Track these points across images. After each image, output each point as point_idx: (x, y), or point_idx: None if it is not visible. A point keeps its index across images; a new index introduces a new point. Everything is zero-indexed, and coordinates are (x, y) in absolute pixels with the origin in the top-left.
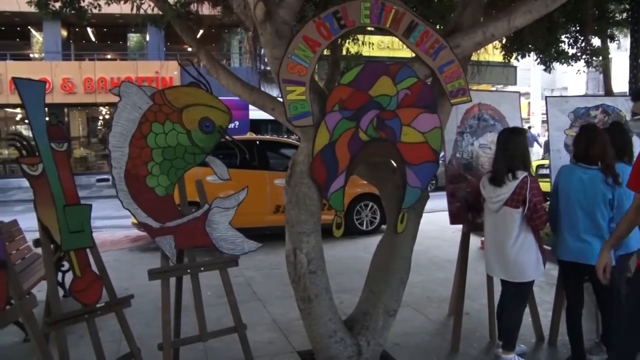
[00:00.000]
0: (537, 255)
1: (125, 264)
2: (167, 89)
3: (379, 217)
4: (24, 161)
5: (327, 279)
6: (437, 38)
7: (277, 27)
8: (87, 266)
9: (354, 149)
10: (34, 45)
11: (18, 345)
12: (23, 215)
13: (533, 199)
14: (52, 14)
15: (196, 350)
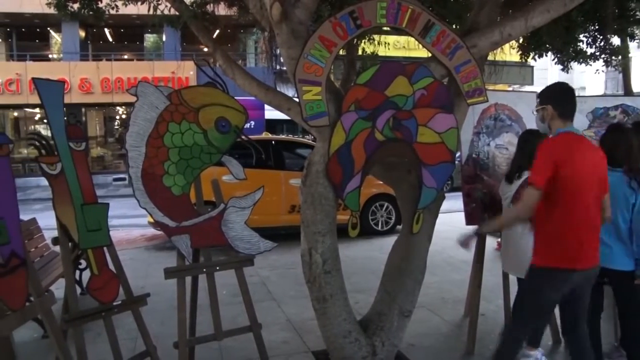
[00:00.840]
0: None
1: (141, 262)
2: (184, 89)
3: (394, 217)
4: (43, 160)
5: (342, 279)
6: (454, 38)
7: (293, 27)
8: (104, 264)
9: (369, 149)
10: (52, 46)
11: (37, 341)
12: (42, 214)
13: None
14: (70, 15)
15: (211, 349)
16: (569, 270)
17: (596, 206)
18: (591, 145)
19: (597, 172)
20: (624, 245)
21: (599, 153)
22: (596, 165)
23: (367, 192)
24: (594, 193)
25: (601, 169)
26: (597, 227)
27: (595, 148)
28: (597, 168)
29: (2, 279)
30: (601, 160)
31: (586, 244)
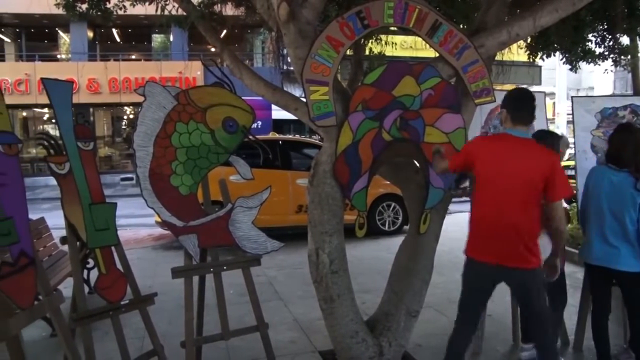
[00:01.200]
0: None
1: (148, 262)
2: (191, 89)
3: (401, 217)
4: (52, 160)
5: (349, 279)
6: (461, 38)
7: (301, 27)
8: (112, 264)
9: (377, 149)
10: (61, 46)
11: (45, 339)
12: (50, 213)
13: None
14: (79, 16)
15: (218, 348)
16: (472, 259)
17: (517, 208)
18: (530, 149)
19: (523, 176)
20: (631, 246)
21: (538, 159)
22: (525, 170)
23: (374, 192)
24: (516, 196)
25: (532, 174)
26: (512, 227)
27: (535, 153)
28: (524, 173)
29: (11, 277)
30: (537, 166)
31: (492, 240)
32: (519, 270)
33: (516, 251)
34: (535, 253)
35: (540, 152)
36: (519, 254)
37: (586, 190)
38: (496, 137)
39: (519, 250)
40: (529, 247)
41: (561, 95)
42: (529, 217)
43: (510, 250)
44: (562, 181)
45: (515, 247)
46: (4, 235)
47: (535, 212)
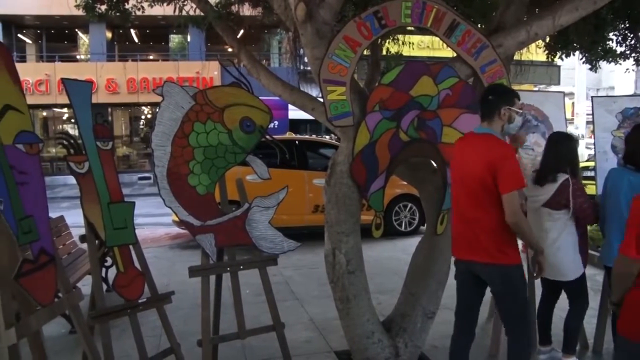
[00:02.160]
0: (573, 257)
1: (165, 260)
2: (209, 89)
3: (418, 218)
4: (72, 159)
5: (365, 280)
6: (479, 37)
7: (318, 27)
8: (130, 262)
9: (394, 149)
10: (80, 47)
11: (65, 336)
12: (69, 212)
13: (577, 201)
14: (98, 17)
15: (234, 347)
16: (454, 258)
17: (473, 204)
18: (480, 144)
19: (472, 172)
20: None
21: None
22: (474, 165)
23: (391, 193)
24: (470, 191)
25: (479, 169)
26: (472, 223)
27: (482, 148)
28: (473, 168)
29: (32, 274)
30: (482, 160)
31: (459, 236)
32: (487, 266)
33: (481, 246)
34: (505, 250)
35: (488, 145)
36: (484, 249)
37: (605, 191)
38: (464, 136)
39: (484, 246)
40: (494, 242)
41: (580, 95)
42: (487, 213)
43: (476, 246)
44: (509, 173)
45: (480, 243)
46: (25, 233)
47: (489, 206)
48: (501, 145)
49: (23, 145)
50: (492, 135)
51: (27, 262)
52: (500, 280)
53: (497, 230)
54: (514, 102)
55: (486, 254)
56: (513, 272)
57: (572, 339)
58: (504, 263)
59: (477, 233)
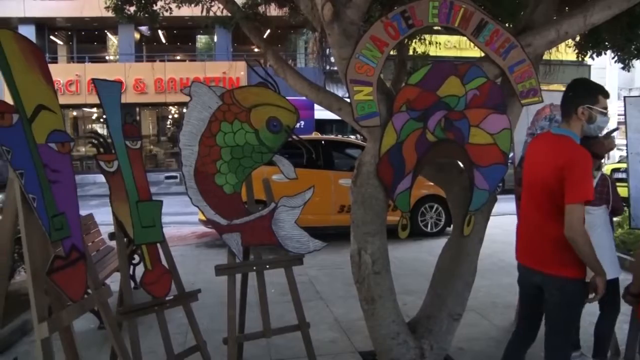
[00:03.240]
0: (611, 256)
1: (191, 259)
2: (236, 89)
3: (444, 219)
4: (101, 158)
5: (391, 280)
6: (508, 37)
7: (345, 27)
8: (157, 260)
9: (421, 149)
10: (109, 48)
11: (93, 331)
12: (97, 210)
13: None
14: (127, 18)
15: (259, 346)
16: (517, 262)
17: (538, 210)
18: (553, 147)
19: (540, 176)
20: None
21: (555, 156)
22: (543, 169)
23: (417, 194)
24: (536, 197)
25: (547, 174)
26: (536, 230)
27: (554, 151)
28: (542, 172)
29: (63, 270)
30: (551, 165)
31: (522, 241)
32: (545, 275)
33: (542, 255)
34: (566, 262)
35: (561, 148)
36: (544, 258)
37: None
38: (539, 135)
39: (545, 255)
40: (556, 253)
41: (612, 95)
42: (551, 220)
43: (536, 254)
44: (576, 182)
45: (541, 252)
46: (57, 229)
47: (556, 214)
48: (575, 150)
49: (55, 144)
50: (568, 138)
51: (58, 258)
52: (557, 292)
53: (560, 240)
54: (597, 99)
55: (546, 264)
56: (571, 287)
57: (602, 344)
58: (563, 276)
59: (539, 241)
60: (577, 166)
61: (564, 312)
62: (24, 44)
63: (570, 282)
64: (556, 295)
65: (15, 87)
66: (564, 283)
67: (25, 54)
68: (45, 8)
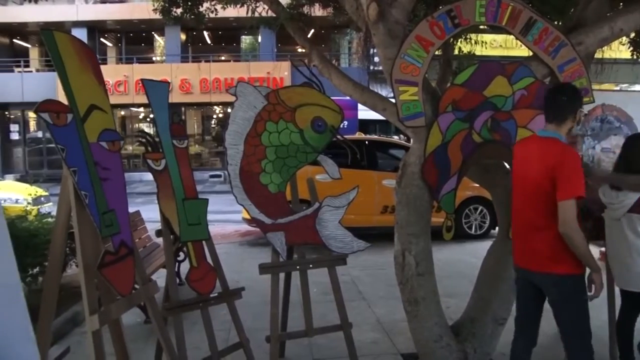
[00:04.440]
0: None
1: (234, 257)
2: (281, 89)
3: (489, 221)
4: (149, 156)
5: (434, 282)
6: (557, 35)
7: (390, 27)
8: (202, 257)
9: (466, 150)
10: (156, 49)
11: (139, 325)
12: (144, 207)
13: None
14: (173, 20)
15: (301, 345)
16: (515, 265)
17: (532, 210)
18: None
19: (532, 177)
20: None
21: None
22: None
23: (461, 195)
24: (528, 197)
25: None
26: (529, 230)
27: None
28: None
29: (112, 266)
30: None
31: (517, 243)
32: (543, 275)
33: (538, 255)
34: (562, 259)
35: (551, 149)
36: (541, 258)
37: None
38: (525, 138)
39: (541, 255)
40: (552, 251)
41: None
42: (546, 220)
43: (533, 254)
44: (568, 179)
45: (537, 251)
46: (107, 226)
47: (550, 214)
48: (565, 151)
49: (106, 143)
50: (557, 140)
51: (108, 253)
52: (556, 289)
53: (555, 238)
54: (582, 102)
55: (543, 263)
56: (570, 282)
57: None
58: (561, 272)
59: (535, 241)
60: (567, 164)
61: (566, 309)
62: (78, 46)
63: (566, 278)
64: (555, 292)
65: (69, 88)
66: (559, 279)
67: (79, 55)
68: (97, 11)
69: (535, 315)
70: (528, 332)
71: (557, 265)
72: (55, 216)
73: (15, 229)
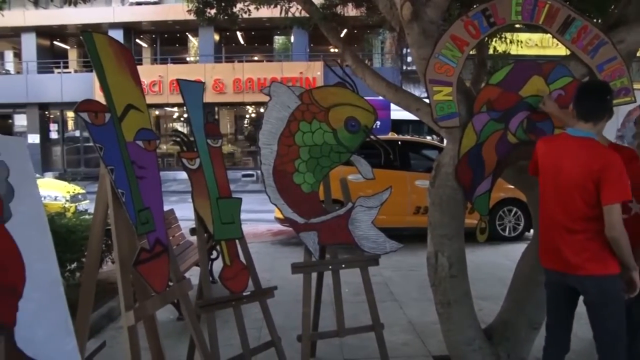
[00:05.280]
0: None
1: (266, 256)
2: (315, 89)
3: (523, 223)
4: (184, 155)
5: (468, 284)
6: (597, 33)
7: (424, 26)
8: (236, 256)
9: (501, 151)
10: (190, 49)
11: (172, 322)
12: (177, 205)
13: None
14: (208, 21)
15: (332, 344)
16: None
17: (564, 211)
18: (583, 149)
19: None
20: None
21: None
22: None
23: (495, 196)
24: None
25: (579, 176)
26: (562, 231)
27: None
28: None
29: (148, 263)
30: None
31: (550, 245)
32: (581, 277)
33: (576, 258)
34: (601, 259)
35: (594, 151)
36: (579, 260)
37: None
38: (554, 137)
39: (579, 257)
40: (590, 253)
41: None
42: (584, 222)
43: (567, 256)
44: (614, 182)
45: (574, 254)
46: (143, 223)
47: (588, 215)
48: (609, 153)
49: (142, 142)
50: (595, 141)
51: (144, 250)
52: (596, 291)
53: (592, 240)
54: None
55: (580, 265)
56: (610, 283)
57: None
58: (600, 273)
59: (570, 242)
60: (613, 167)
61: (609, 311)
62: (116, 47)
63: (608, 279)
64: (594, 294)
65: (107, 88)
66: (602, 281)
67: (117, 56)
68: (133, 13)
69: (567, 320)
70: (560, 338)
71: (596, 265)
72: (93, 213)
73: (54, 226)
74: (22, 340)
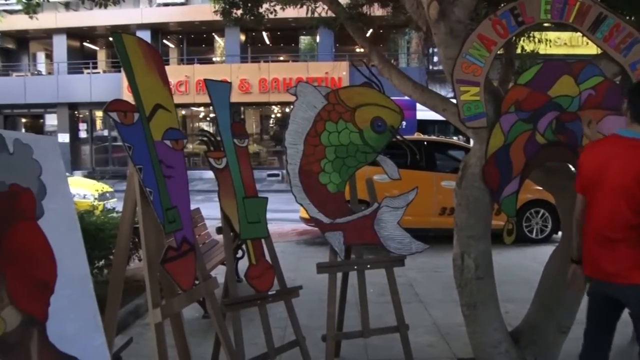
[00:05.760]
0: None
1: (291, 255)
2: (341, 89)
3: (551, 225)
4: (211, 155)
5: (494, 286)
6: (630, 31)
7: (451, 26)
8: (261, 255)
9: (529, 152)
10: (216, 50)
11: (197, 320)
12: (203, 204)
13: None
14: (234, 21)
15: (357, 345)
16: (587, 277)
17: (610, 217)
18: (629, 150)
19: (618, 181)
20: None
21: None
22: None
23: (522, 198)
24: (607, 202)
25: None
26: (608, 238)
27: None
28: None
29: (175, 261)
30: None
31: (593, 253)
32: (626, 287)
33: (621, 266)
34: (635, 266)
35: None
36: (624, 269)
37: None
38: (603, 139)
39: (624, 266)
40: (625, 260)
41: None
42: (632, 230)
43: (612, 265)
44: None
45: (619, 263)
46: (170, 222)
47: (631, 223)
48: None
49: (170, 141)
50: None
51: (171, 249)
52: (634, 302)
53: (634, 248)
54: None
55: (626, 274)
56: None
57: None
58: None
59: (616, 250)
60: None
61: None
62: (145, 47)
63: None
64: (632, 304)
65: (136, 88)
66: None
67: (146, 56)
68: (160, 14)
69: (609, 330)
70: (600, 348)
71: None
72: (122, 212)
73: (83, 223)
74: (54, 334)
